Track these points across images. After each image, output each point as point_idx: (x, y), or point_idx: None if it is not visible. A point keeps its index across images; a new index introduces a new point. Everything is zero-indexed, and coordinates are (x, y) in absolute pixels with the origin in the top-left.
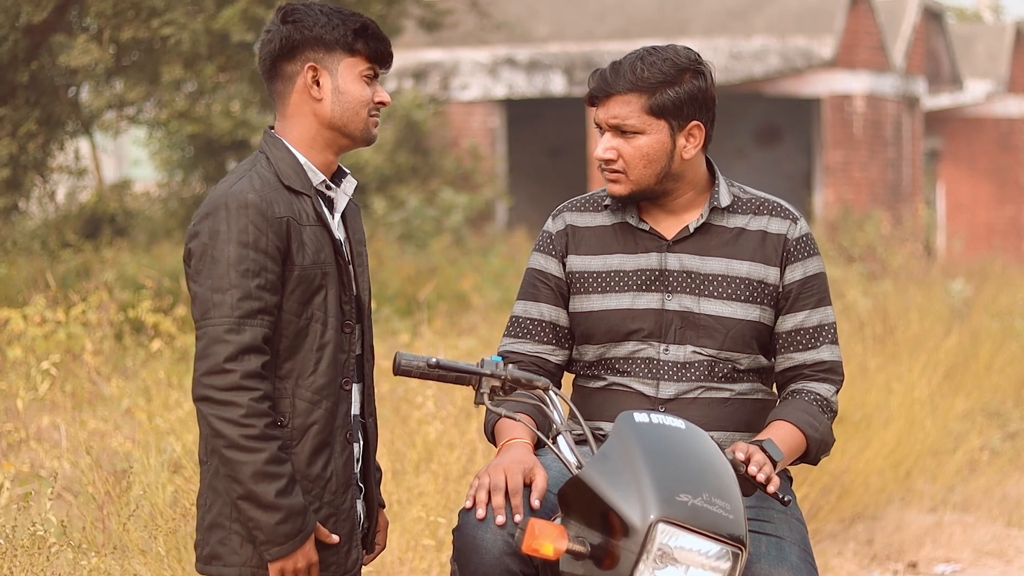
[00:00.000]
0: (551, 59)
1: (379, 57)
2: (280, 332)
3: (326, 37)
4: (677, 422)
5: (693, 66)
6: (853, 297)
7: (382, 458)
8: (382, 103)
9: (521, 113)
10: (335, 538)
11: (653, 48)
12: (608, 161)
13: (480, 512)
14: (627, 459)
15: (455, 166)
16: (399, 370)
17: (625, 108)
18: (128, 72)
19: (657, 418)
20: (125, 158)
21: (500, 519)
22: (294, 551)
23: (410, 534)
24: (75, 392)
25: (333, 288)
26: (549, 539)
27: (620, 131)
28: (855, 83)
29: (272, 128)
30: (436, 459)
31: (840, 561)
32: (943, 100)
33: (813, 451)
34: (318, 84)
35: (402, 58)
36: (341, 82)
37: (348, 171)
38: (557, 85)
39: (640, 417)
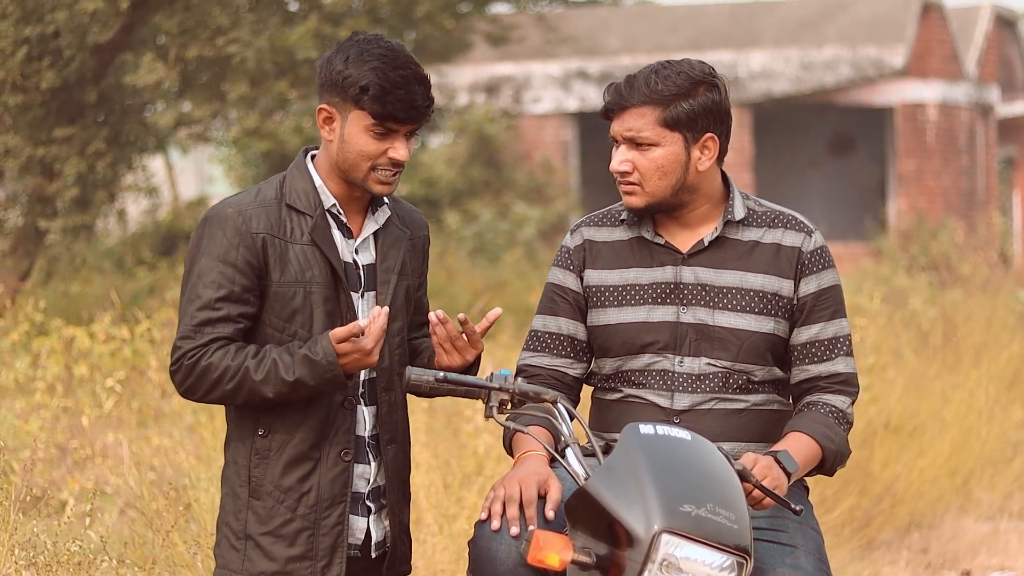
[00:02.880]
0: (623, 71)
1: (386, 117)
2: (263, 344)
3: (337, 86)
4: (683, 433)
5: (707, 79)
6: (915, 306)
7: (432, 471)
8: (394, 160)
9: (593, 126)
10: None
11: (668, 62)
12: (623, 173)
13: (495, 524)
14: (632, 470)
15: (528, 179)
16: (408, 385)
17: (640, 120)
18: (195, 90)
19: (662, 429)
20: (205, 175)
21: (514, 530)
22: (327, 367)
23: (457, 546)
24: (141, 409)
25: (321, 308)
26: (554, 550)
27: (635, 143)
28: (927, 92)
29: (316, 148)
30: (485, 472)
31: (893, 570)
32: (1017, 108)
33: (829, 462)
34: (330, 125)
35: (474, 72)
36: (347, 131)
37: (387, 202)
38: None
39: (645, 429)
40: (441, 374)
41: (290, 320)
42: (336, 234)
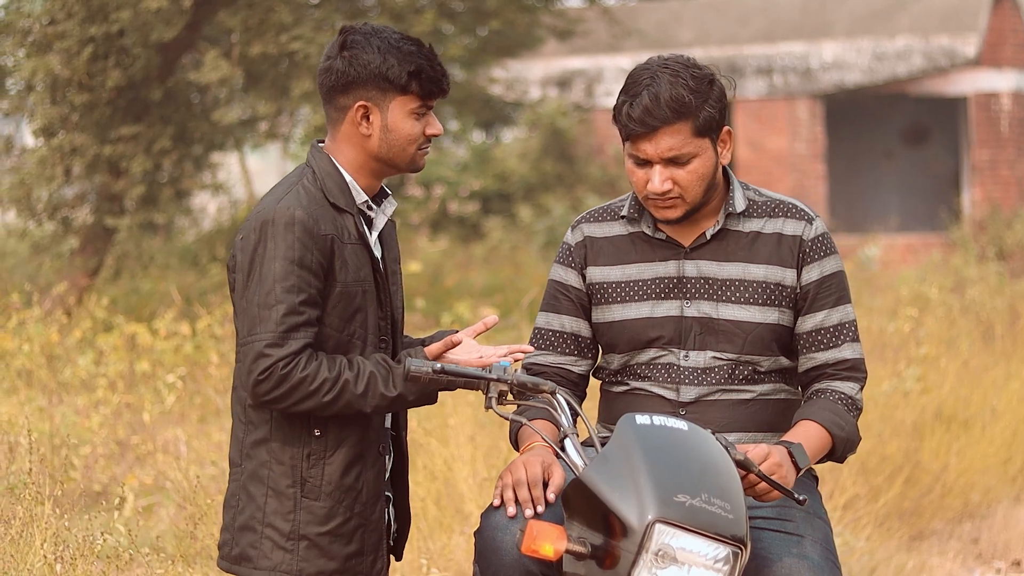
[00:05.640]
0: None
1: (433, 95)
2: (321, 346)
3: (380, 77)
4: (679, 423)
5: (706, 73)
6: (974, 296)
7: (476, 462)
8: (433, 136)
9: None
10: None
11: (664, 66)
12: (664, 192)
13: (511, 510)
14: (627, 460)
15: (600, 173)
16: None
17: (677, 138)
18: (259, 88)
19: (659, 420)
20: (283, 172)
21: (528, 512)
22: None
23: None
24: (202, 404)
25: (372, 305)
26: (548, 540)
27: (672, 161)
28: (1001, 81)
29: (321, 142)
30: None
31: (941, 560)
32: None
33: (839, 450)
34: (368, 120)
35: (546, 67)
36: (391, 120)
37: (390, 192)
38: None
39: (641, 419)
40: (439, 365)
41: (350, 320)
42: (365, 230)
